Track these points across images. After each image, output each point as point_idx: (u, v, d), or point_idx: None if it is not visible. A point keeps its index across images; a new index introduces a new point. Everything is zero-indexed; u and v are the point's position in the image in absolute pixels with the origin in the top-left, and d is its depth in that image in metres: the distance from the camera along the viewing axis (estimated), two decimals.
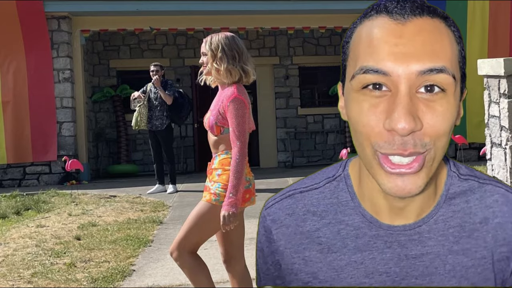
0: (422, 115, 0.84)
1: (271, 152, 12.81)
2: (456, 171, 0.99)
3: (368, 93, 0.86)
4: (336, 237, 0.98)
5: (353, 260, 0.97)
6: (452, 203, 0.96)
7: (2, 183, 10.45)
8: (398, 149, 0.84)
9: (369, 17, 0.89)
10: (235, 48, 3.32)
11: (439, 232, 0.95)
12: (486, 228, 0.95)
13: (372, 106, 0.85)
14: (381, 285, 0.96)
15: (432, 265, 0.94)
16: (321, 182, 1.02)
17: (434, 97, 0.85)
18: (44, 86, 10.42)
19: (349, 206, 0.98)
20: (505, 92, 4.89)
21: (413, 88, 0.84)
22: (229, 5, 10.87)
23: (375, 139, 0.86)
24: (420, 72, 0.83)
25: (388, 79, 0.84)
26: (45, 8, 10.36)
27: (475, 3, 11.01)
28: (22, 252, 5.36)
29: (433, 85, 0.84)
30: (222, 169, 3.26)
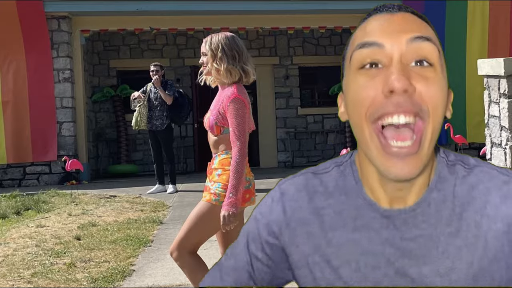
0: (415, 83, 0.91)
1: (271, 152, 12.81)
2: (445, 157, 1.05)
3: (365, 72, 0.94)
4: (338, 216, 1.05)
5: (351, 239, 1.02)
6: (442, 188, 1.01)
7: (2, 183, 10.45)
8: (393, 106, 0.90)
9: (363, 21, 1.02)
10: (235, 48, 3.32)
11: (432, 215, 1.00)
12: (474, 208, 1.00)
13: (369, 79, 0.93)
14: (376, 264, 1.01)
15: (426, 246, 0.99)
16: (330, 167, 1.11)
17: (424, 69, 0.93)
18: (44, 86, 10.42)
19: (353, 189, 1.05)
20: (505, 92, 4.89)
21: (404, 59, 0.93)
22: (229, 5, 10.87)
23: (371, 108, 0.92)
24: (409, 39, 0.93)
25: (383, 52, 0.93)
26: (45, 8, 10.36)
27: (475, 3, 11.01)
28: (22, 252, 5.36)
29: (422, 60, 0.93)
30: (222, 169, 3.26)
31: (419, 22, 0.98)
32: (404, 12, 0.99)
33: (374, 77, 0.93)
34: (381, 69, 0.93)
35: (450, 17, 11.02)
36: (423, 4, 10.95)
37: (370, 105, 0.92)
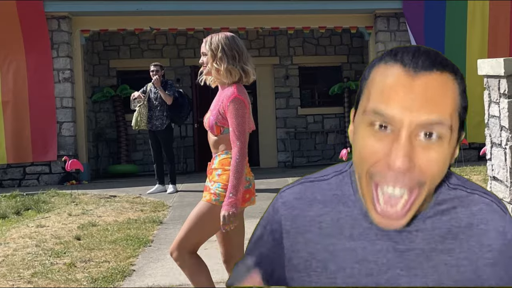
0: (418, 156, 0.96)
1: (271, 152, 12.81)
2: (446, 180, 1.08)
3: (374, 132, 0.99)
4: (335, 224, 1.10)
5: (347, 247, 1.07)
6: (440, 208, 1.07)
7: (2, 183, 10.44)
8: (390, 180, 0.97)
9: (385, 62, 1.01)
10: (235, 48, 3.32)
11: (426, 232, 1.05)
12: (470, 233, 1.05)
13: (377, 141, 0.98)
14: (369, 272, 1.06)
15: (417, 260, 1.04)
16: (329, 175, 1.16)
17: (431, 143, 0.97)
18: (44, 86, 10.41)
19: (350, 199, 1.10)
20: (505, 92, 4.89)
21: (413, 134, 0.97)
22: (229, 5, 10.87)
23: (373, 168, 0.98)
24: (421, 122, 0.96)
25: (393, 122, 0.97)
26: (45, 8, 10.36)
27: (475, 3, 11.00)
28: (22, 252, 5.36)
29: (431, 133, 0.97)
30: (222, 169, 3.26)
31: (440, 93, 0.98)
32: (428, 73, 0.98)
33: (382, 140, 0.98)
34: (390, 134, 0.98)
35: (450, 17, 11.02)
36: (423, 4, 10.95)
37: (372, 166, 0.98)
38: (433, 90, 0.97)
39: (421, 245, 1.04)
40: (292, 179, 9.82)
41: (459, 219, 1.06)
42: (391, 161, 0.95)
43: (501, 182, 5.00)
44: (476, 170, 8.73)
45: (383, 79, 1.00)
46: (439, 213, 1.06)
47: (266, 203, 5.30)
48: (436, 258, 1.04)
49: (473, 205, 1.07)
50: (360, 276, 1.06)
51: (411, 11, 10.94)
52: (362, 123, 1.01)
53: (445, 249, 1.04)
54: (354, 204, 1.09)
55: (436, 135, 0.97)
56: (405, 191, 0.97)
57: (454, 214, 1.06)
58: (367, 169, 0.99)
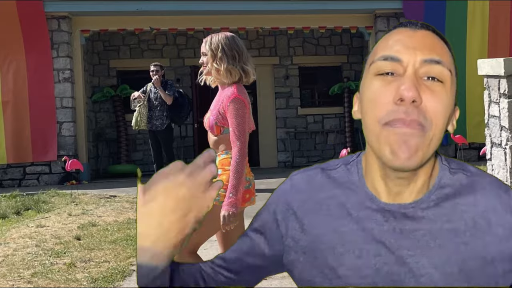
0: (423, 93, 1.01)
1: (271, 152, 12.81)
2: (447, 164, 1.13)
3: (381, 77, 1.05)
4: (343, 207, 1.13)
5: (355, 228, 1.10)
6: (442, 191, 1.10)
7: (2, 183, 10.45)
8: (402, 114, 1.00)
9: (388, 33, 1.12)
10: (235, 48, 3.32)
11: (431, 212, 1.08)
12: (476, 211, 1.07)
13: (384, 85, 1.04)
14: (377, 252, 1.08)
15: (424, 239, 1.06)
16: (338, 164, 1.20)
17: (434, 84, 1.03)
18: (44, 86, 10.42)
19: (357, 185, 1.15)
20: (505, 92, 4.89)
21: (417, 73, 1.03)
22: (229, 5, 10.87)
23: (382, 112, 1.02)
24: (423, 59, 1.03)
25: (400, 65, 1.04)
26: (45, 8, 10.36)
27: (475, 3, 11.01)
28: (22, 252, 5.36)
29: (433, 77, 1.03)
30: (222, 169, 3.25)
31: (437, 43, 1.08)
32: (425, 30, 1.09)
33: (389, 83, 1.03)
34: (395, 77, 1.04)
35: (450, 17, 11.02)
36: (423, 4, 10.96)
37: (381, 109, 1.02)
38: (431, 40, 1.08)
39: (427, 225, 1.07)
40: None
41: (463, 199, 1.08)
42: (400, 92, 1.00)
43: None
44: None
45: (387, 40, 1.10)
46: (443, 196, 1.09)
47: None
48: (443, 237, 1.06)
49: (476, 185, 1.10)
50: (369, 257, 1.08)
51: (411, 11, 10.94)
52: (369, 74, 1.08)
53: (452, 229, 1.06)
54: (360, 189, 1.13)
55: (437, 80, 1.03)
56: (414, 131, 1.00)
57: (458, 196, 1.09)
58: (377, 115, 1.03)
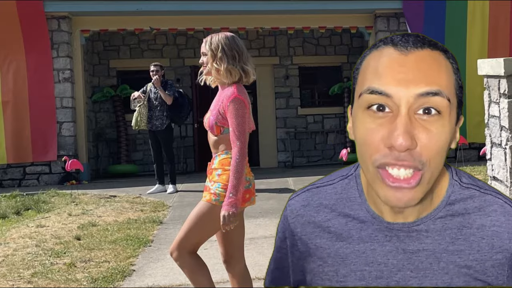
0: (418, 135, 0.95)
1: (271, 152, 12.81)
2: (458, 179, 1.08)
3: (372, 114, 0.98)
4: (344, 228, 1.11)
5: (356, 249, 1.08)
6: (451, 208, 1.06)
7: (2, 183, 10.44)
8: (393, 159, 0.95)
9: (377, 48, 1.02)
10: (235, 48, 3.32)
11: (436, 232, 1.05)
12: (481, 234, 1.04)
13: (376, 125, 0.97)
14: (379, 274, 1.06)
15: (427, 260, 1.04)
16: (335, 179, 1.17)
17: (431, 119, 0.96)
18: (44, 86, 10.41)
19: (357, 202, 1.11)
20: (505, 92, 4.89)
21: (412, 110, 0.96)
22: (229, 5, 10.87)
23: (375, 156, 0.97)
24: (418, 94, 0.95)
25: (390, 101, 0.96)
26: (45, 8, 10.36)
27: (475, 3, 11.00)
28: (22, 252, 5.36)
29: (430, 108, 0.96)
30: (222, 169, 3.26)
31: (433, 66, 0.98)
32: (419, 50, 0.98)
33: (381, 123, 0.97)
34: (387, 114, 0.97)
35: (450, 17, 11.02)
36: (423, 4, 10.95)
37: (374, 152, 0.97)
38: (426, 64, 0.98)
39: (431, 246, 1.04)
40: (292, 179, 9.83)
41: (471, 220, 1.05)
42: (393, 140, 0.94)
43: (501, 182, 5.01)
44: (476, 170, 8.73)
45: (376, 61, 1.00)
46: (451, 213, 1.06)
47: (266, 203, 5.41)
48: (446, 259, 1.04)
49: (487, 206, 1.06)
50: (371, 279, 1.07)
51: (411, 11, 10.94)
52: (360, 108, 1.01)
53: (456, 250, 1.04)
54: (360, 206, 1.10)
55: (434, 110, 0.96)
56: (409, 171, 0.96)
57: (467, 215, 1.05)
58: (370, 157, 0.98)
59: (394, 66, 0.97)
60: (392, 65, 0.98)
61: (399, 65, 0.97)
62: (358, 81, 1.04)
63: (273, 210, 7.09)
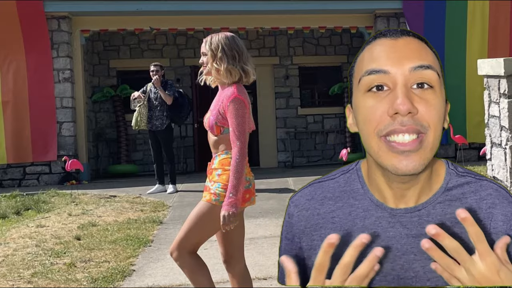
0: (417, 104, 1.03)
1: (271, 152, 12.81)
2: (454, 169, 1.16)
3: (372, 94, 1.06)
4: (348, 217, 1.15)
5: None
6: (449, 194, 1.12)
7: (2, 183, 10.44)
8: (398, 125, 1.02)
9: (369, 43, 1.13)
10: (235, 48, 3.32)
11: (437, 217, 1.10)
12: (478, 217, 1.09)
13: (377, 101, 1.05)
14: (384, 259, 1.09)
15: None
16: (337, 174, 1.23)
17: (425, 92, 1.05)
18: (44, 86, 10.41)
19: (359, 192, 1.17)
20: (505, 92, 4.89)
21: (407, 83, 1.04)
22: (229, 5, 10.87)
23: (379, 126, 1.04)
24: (412, 68, 1.05)
25: (388, 78, 1.05)
26: (45, 8, 10.36)
27: (475, 3, 11.00)
28: (22, 252, 5.36)
29: (423, 83, 1.05)
30: (222, 169, 3.26)
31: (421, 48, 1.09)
32: (406, 37, 1.10)
33: (381, 100, 1.05)
34: (386, 91, 1.05)
35: (450, 17, 11.02)
36: (423, 4, 10.96)
37: (378, 124, 1.04)
38: (414, 45, 1.09)
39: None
40: (292, 179, 9.83)
41: (468, 203, 1.10)
42: (395, 105, 1.01)
43: (501, 182, 5.01)
44: (476, 170, 8.68)
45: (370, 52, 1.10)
46: (449, 198, 1.11)
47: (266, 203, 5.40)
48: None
49: (482, 190, 1.12)
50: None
51: (411, 11, 10.94)
52: (359, 93, 1.09)
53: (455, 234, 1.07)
54: (363, 196, 1.15)
55: (427, 85, 1.05)
56: (413, 136, 1.02)
57: (464, 199, 1.11)
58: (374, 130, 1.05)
59: (388, 49, 1.08)
60: (385, 49, 1.08)
61: (391, 47, 1.08)
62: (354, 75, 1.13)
63: (273, 210, 7.09)
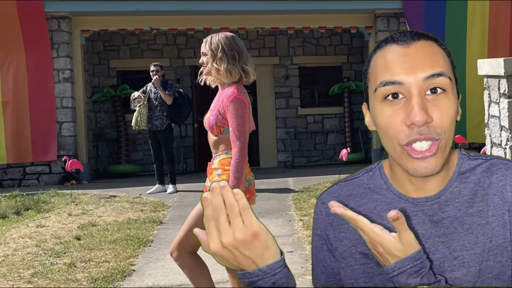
0: (431, 112, 1.11)
1: (271, 152, 12.81)
2: (466, 154, 1.25)
3: (389, 103, 1.14)
4: (373, 211, 1.23)
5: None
6: (463, 177, 1.20)
7: (2, 183, 10.44)
8: (417, 135, 1.10)
9: (381, 48, 1.18)
10: (235, 48, 3.32)
11: (455, 200, 1.18)
12: (493, 191, 1.18)
13: (394, 112, 1.12)
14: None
15: (452, 225, 1.17)
16: (360, 174, 1.31)
17: (438, 97, 1.12)
18: (44, 86, 10.41)
19: (383, 188, 1.25)
20: (505, 92, 4.89)
21: (421, 91, 1.11)
22: (229, 5, 10.87)
23: (400, 136, 1.12)
24: (425, 77, 1.11)
25: (402, 87, 1.12)
26: (45, 8, 10.36)
27: (475, 3, 11.00)
28: (22, 252, 5.36)
29: (436, 87, 1.12)
30: (222, 169, 3.26)
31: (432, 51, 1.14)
32: (417, 42, 1.14)
33: (398, 109, 1.12)
34: (402, 99, 1.12)
35: (450, 17, 11.02)
36: (423, 4, 10.96)
37: (398, 133, 1.12)
38: (425, 51, 1.14)
39: (453, 212, 1.17)
40: (292, 179, 9.82)
41: (481, 181, 1.19)
42: (412, 117, 1.09)
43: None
44: None
45: (383, 58, 1.16)
46: (463, 181, 1.20)
47: (266, 203, 5.41)
48: (469, 221, 1.16)
49: (492, 166, 1.20)
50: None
51: (411, 11, 10.94)
52: (376, 100, 1.16)
53: (475, 212, 1.17)
54: (386, 191, 1.24)
55: (440, 89, 1.11)
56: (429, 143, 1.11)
57: (477, 180, 1.19)
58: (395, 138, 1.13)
59: (400, 58, 1.13)
60: (397, 58, 1.14)
61: (404, 56, 1.13)
62: (370, 80, 1.19)
63: (273, 210, 7.09)
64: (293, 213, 6.96)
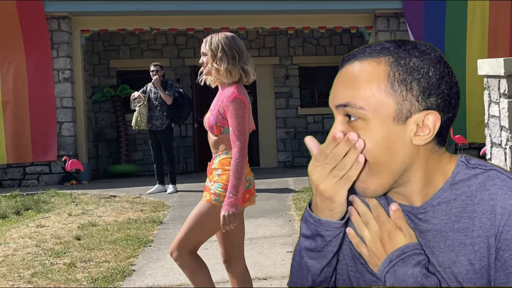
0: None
1: (271, 152, 12.81)
2: (465, 161, 1.14)
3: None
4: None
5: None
6: (455, 188, 1.10)
7: (2, 183, 10.44)
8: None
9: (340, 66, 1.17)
10: (235, 48, 3.32)
11: (443, 212, 1.10)
12: (481, 209, 1.06)
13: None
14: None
15: (434, 239, 1.10)
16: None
17: (354, 123, 1.08)
18: (44, 86, 10.41)
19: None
20: (505, 92, 4.89)
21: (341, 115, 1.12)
22: (229, 5, 10.87)
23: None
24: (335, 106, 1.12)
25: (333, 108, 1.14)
26: (45, 8, 10.36)
27: (475, 3, 11.00)
28: (22, 252, 5.36)
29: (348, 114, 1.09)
30: (222, 169, 3.26)
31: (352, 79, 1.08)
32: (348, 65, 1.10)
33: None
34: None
35: (450, 17, 11.02)
36: (423, 4, 10.96)
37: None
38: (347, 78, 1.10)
39: (439, 226, 1.09)
40: (292, 179, 9.82)
41: (473, 196, 1.08)
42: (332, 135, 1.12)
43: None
44: None
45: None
46: (455, 192, 1.09)
47: (266, 203, 5.42)
48: (451, 238, 1.08)
49: (488, 180, 1.08)
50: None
51: (411, 11, 10.94)
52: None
53: (461, 228, 1.07)
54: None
55: (353, 117, 1.08)
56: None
57: (469, 193, 1.08)
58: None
59: (335, 81, 1.15)
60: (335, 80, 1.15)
61: (335, 81, 1.14)
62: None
63: (273, 210, 7.09)
64: (293, 213, 6.96)
